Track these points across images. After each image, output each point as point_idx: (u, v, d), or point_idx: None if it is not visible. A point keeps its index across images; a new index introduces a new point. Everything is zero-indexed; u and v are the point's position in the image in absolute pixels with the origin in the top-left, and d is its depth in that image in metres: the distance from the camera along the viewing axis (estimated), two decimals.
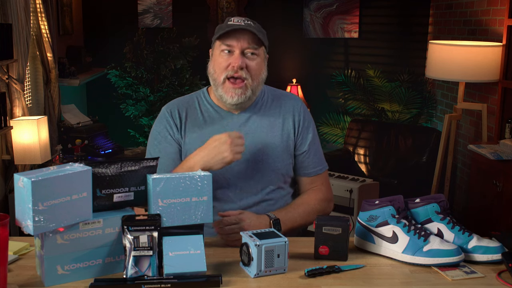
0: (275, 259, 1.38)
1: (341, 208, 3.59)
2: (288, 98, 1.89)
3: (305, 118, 1.87)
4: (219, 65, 1.74)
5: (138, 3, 5.11)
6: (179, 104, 1.85)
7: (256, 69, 1.74)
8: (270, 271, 1.38)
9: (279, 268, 1.39)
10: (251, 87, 1.74)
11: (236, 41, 1.71)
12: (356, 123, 4.75)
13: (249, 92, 1.75)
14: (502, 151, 2.94)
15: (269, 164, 1.79)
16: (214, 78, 1.77)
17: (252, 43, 1.72)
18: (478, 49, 3.33)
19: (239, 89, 1.72)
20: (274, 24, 5.10)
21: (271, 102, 1.86)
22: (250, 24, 1.72)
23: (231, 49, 1.72)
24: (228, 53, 1.73)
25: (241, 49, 1.71)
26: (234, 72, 1.71)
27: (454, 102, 4.00)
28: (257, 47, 1.74)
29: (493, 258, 1.47)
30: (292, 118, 1.85)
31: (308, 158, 1.86)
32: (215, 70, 1.76)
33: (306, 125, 1.86)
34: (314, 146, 1.87)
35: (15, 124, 3.05)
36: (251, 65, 1.73)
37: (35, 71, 3.88)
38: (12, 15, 3.00)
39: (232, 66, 1.71)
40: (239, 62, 1.70)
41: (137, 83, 4.75)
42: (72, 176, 1.30)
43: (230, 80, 1.73)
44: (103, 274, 1.37)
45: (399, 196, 1.55)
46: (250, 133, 1.80)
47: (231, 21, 1.73)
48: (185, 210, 1.41)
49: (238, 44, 1.71)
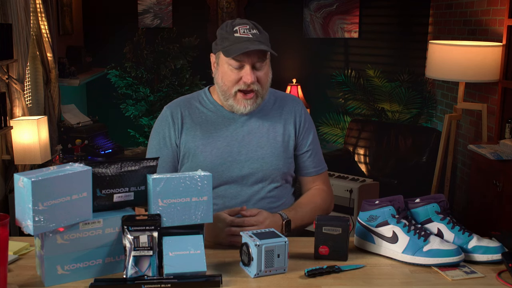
0: (275, 259, 1.38)
1: (341, 208, 3.59)
2: (289, 100, 1.92)
3: (306, 120, 1.90)
4: (229, 78, 1.74)
5: (138, 3, 5.11)
6: (181, 104, 1.86)
7: (265, 77, 1.77)
8: (270, 271, 1.38)
9: (279, 268, 1.39)
10: (261, 96, 1.78)
11: (246, 57, 1.71)
12: (356, 123, 4.75)
13: (259, 100, 1.78)
14: (502, 151, 2.94)
15: (271, 162, 1.81)
16: (223, 90, 1.77)
17: (262, 56, 1.73)
18: (478, 49, 3.33)
19: (250, 100, 1.75)
20: (274, 24, 5.09)
21: (272, 103, 1.89)
22: (256, 33, 1.71)
23: (241, 64, 1.72)
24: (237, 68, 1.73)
25: (251, 64, 1.72)
26: (247, 87, 1.73)
27: (454, 102, 4.00)
28: (265, 58, 1.76)
29: (493, 258, 1.47)
30: (293, 119, 1.87)
31: (309, 158, 1.89)
32: (225, 83, 1.76)
33: (307, 126, 1.90)
34: (314, 147, 1.90)
35: (15, 124, 3.05)
36: (260, 76, 1.75)
37: (35, 71, 3.88)
38: (12, 15, 3.00)
39: (244, 82, 1.72)
40: (251, 79, 1.71)
41: (137, 83, 4.75)
42: (72, 176, 1.30)
43: (241, 92, 1.75)
44: (103, 274, 1.37)
45: (399, 196, 1.55)
46: (251, 132, 1.82)
47: (237, 32, 1.71)
48: (185, 210, 1.41)
49: (248, 60, 1.71)
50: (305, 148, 1.88)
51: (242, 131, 1.81)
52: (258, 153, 1.80)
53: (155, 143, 1.84)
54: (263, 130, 1.83)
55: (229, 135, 1.81)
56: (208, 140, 1.80)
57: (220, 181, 1.77)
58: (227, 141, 1.80)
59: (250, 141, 1.81)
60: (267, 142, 1.82)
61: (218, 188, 1.78)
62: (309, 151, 1.88)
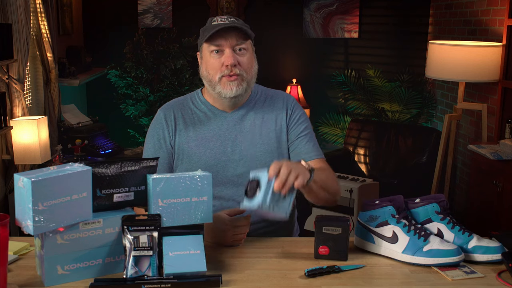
0: (281, 199, 1.40)
1: (341, 208, 3.59)
2: (280, 96, 1.91)
3: (296, 110, 1.88)
4: (212, 66, 1.76)
5: (138, 3, 5.11)
6: (174, 106, 1.87)
7: (248, 63, 1.77)
8: (273, 209, 1.39)
9: (282, 211, 1.41)
10: (246, 80, 1.77)
11: (224, 40, 1.73)
12: (356, 123, 4.75)
13: (245, 84, 1.77)
14: (502, 151, 2.94)
15: (264, 160, 1.80)
16: (209, 80, 1.78)
17: (240, 39, 1.74)
18: (478, 49, 3.33)
19: (235, 81, 1.75)
20: (274, 24, 5.10)
21: (263, 100, 1.88)
22: (234, 21, 1.75)
23: (220, 48, 1.74)
24: (218, 53, 1.75)
25: (230, 46, 1.74)
26: (229, 72, 1.73)
27: (454, 102, 4.00)
28: (245, 41, 1.76)
29: (493, 258, 1.47)
30: (284, 112, 1.86)
31: (301, 144, 1.84)
32: (209, 72, 1.77)
33: (298, 117, 1.87)
34: (307, 136, 1.86)
35: (15, 124, 3.05)
36: (242, 60, 1.75)
37: (35, 71, 3.88)
38: (12, 15, 3.00)
39: (226, 65, 1.73)
40: (231, 60, 1.72)
41: (137, 83, 4.75)
42: (72, 176, 1.30)
43: (225, 77, 1.75)
44: (103, 274, 1.37)
45: (399, 196, 1.55)
46: (244, 131, 1.82)
47: (215, 21, 1.75)
48: (185, 210, 1.41)
49: (226, 43, 1.73)
50: (296, 135, 1.84)
51: (234, 130, 1.81)
52: (251, 152, 1.80)
53: (150, 146, 1.85)
54: (255, 128, 1.83)
55: (222, 135, 1.81)
56: (202, 141, 1.80)
57: (216, 182, 1.76)
58: (220, 141, 1.80)
59: (243, 140, 1.81)
60: (260, 140, 1.82)
61: (214, 189, 1.74)
62: (302, 137, 1.84)
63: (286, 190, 1.41)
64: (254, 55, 1.82)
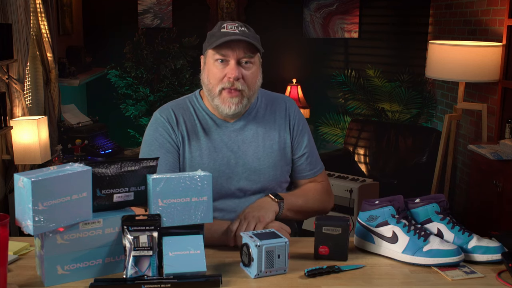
0: (275, 259, 1.38)
1: (341, 208, 3.59)
2: (281, 102, 1.86)
3: (300, 121, 1.85)
4: (214, 76, 1.68)
5: (138, 3, 5.11)
6: (173, 108, 1.79)
7: (252, 78, 1.70)
8: (271, 272, 1.38)
9: (280, 269, 1.39)
10: (247, 96, 1.70)
11: (231, 51, 1.65)
12: (356, 123, 4.75)
13: (245, 101, 1.71)
14: (502, 151, 2.94)
15: (268, 173, 1.77)
16: (209, 89, 1.71)
17: (248, 51, 1.67)
18: (478, 49, 3.33)
19: (235, 98, 1.68)
20: (274, 24, 5.10)
21: (265, 108, 1.83)
22: (244, 31, 1.67)
23: (225, 58, 1.67)
24: (222, 62, 1.67)
25: (236, 59, 1.66)
26: (231, 85, 1.66)
27: (454, 102, 4.00)
28: (253, 55, 1.69)
29: (493, 258, 1.47)
30: (287, 123, 1.82)
31: (305, 161, 1.84)
32: (210, 81, 1.70)
33: (301, 128, 1.85)
34: (310, 149, 1.86)
35: (15, 124, 3.05)
36: (247, 74, 1.68)
37: (35, 71, 3.88)
38: (12, 15, 3.00)
39: (228, 78, 1.66)
40: (235, 73, 1.65)
41: (137, 83, 4.75)
42: (72, 176, 1.30)
43: (225, 90, 1.68)
44: (103, 274, 1.37)
45: (399, 196, 1.55)
46: (246, 142, 1.77)
47: (224, 28, 1.68)
48: (185, 210, 1.41)
49: (233, 54, 1.66)
50: (301, 152, 1.83)
51: (237, 141, 1.76)
52: (255, 165, 1.76)
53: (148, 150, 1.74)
54: (258, 139, 1.78)
55: (224, 146, 1.75)
56: (205, 152, 1.74)
57: (218, 195, 1.72)
58: (223, 152, 1.75)
59: (246, 152, 1.75)
60: (263, 153, 1.77)
61: (217, 202, 1.71)
62: (304, 154, 1.84)
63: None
64: (260, 69, 1.75)
